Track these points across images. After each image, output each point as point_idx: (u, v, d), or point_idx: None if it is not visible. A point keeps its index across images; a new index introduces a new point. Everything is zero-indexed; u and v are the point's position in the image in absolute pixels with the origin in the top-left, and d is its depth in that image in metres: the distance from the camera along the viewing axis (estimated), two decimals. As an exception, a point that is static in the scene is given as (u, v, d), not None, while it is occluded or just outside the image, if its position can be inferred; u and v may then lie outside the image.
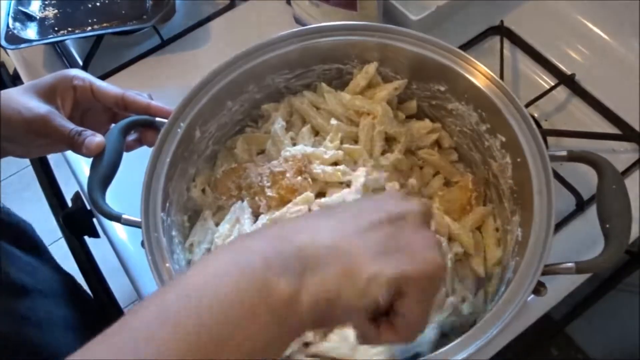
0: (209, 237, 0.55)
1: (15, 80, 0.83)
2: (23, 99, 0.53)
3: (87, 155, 0.52)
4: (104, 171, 0.51)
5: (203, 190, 0.59)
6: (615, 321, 1.10)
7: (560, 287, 0.59)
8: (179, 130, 0.54)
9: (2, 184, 1.72)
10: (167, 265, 0.47)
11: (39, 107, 0.53)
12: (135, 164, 0.54)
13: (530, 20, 0.75)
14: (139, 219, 0.49)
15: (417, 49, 0.56)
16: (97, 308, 0.69)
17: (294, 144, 0.58)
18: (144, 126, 0.56)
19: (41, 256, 0.66)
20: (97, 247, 0.76)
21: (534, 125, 0.51)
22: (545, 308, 0.59)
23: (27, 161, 1.67)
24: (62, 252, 0.76)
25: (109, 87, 0.57)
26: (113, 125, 0.55)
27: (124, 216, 0.50)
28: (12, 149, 0.55)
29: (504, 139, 0.53)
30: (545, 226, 0.47)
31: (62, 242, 0.78)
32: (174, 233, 0.53)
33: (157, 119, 0.55)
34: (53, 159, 0.83)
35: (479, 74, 0.54)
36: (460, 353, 0.43)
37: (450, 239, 0.55)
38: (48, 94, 0.54)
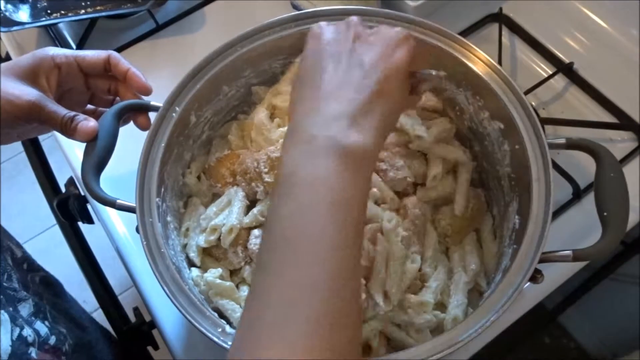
0: (200, 222, 0.55)
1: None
2: (9, 85, 0.50)
3: (80, 141, 0.51)
4: (98, 156, 0.51)
5: (199, 178, 0.59)
6: (608, 310, 1.11)
7: (556, 276, 0.59)
8: (174, 114, 0.53)
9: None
10: (162, 250, 0.47)
11: (28, 93, 0.50)
12: (129, 148, 0.53)
13: (529, 8, 0.75)
14: (134, 204, 0.49)
15: (415, 34, 0.55)
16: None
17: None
18: (138, 110, 0.55)
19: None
20: (91, 234, 0.75)
21: (533, 113, 0.50)
22: (540, 296, 0.59)
23: (20, 147, 1.66)
24: (56, 240, 0.75)
25: (93, 53, 0.55)
26: (107, 109, 0.54)
27: (119, 201, 0.49)
28: None
29: (502, 126, 0.53)
30: (543, 214, 0.47)
31: (56, 229, 0.77)
32: (169, 218, 0.52)
33: (152, 102, 0.55)
34: (46, 145, 0.82)
35: (477, 60, 0.54)
36: (455, 340, 0.43)
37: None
38: (31, 76, 0.52)
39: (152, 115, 0.54)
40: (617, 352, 1.14)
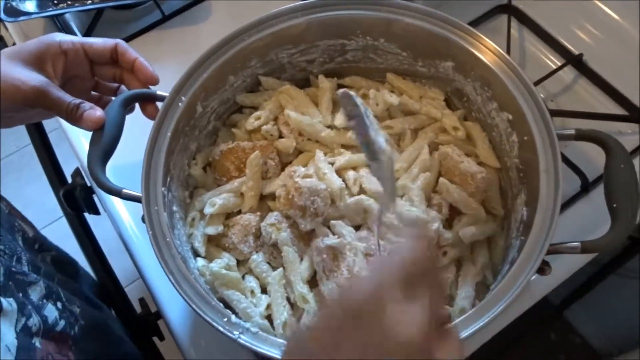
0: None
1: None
2: (14, 70, 0.49)
3: (86, 129, 0.51)
4: (104, 145, 0.50)
5: (205, 169, 0.59)
6: (614, 306, 1.11)
7: (562, 269, 0.58)
8: (180, 104, 0.53)
9: (2, 163, 1.71)
10: (168, 240, 0.47)
11: (34, 78, 0.49)
12: (135, 138, 0.53)
13: (538, -1, 0.74)
14: (140, 194, 0.49)
15: (423, 24, 0.55)
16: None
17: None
18: (144, 99, 0.55)
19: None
20: (97, 226, 0.75)
21: (542, 103, 0.50)
22: (547, 289, 0.58)
23: (26, 140, 1.65)
24: (62, 232, 0.75)
25: (100, 41, 0.54)
26: (113, 98, 0.54)
27: (124, 190, 0.49)
28: None
29: (510, 117, 0.52)
30: (551, 205, 0.46)
31: (63, 221, 0.77)
32: (175, 208, 0.52)
33: (158, 92, 0.54)
34: (53, 136, 0.82)
35: (486, 50, 0.53)
36: (461, 332, 0.42)
37: (451, 219, 0.55)
38: (36, 62, 0.51)
39: (159, 105, 0.54)
40: (624, 348, 1.13)
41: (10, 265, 0.44)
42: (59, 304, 0.46)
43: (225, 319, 0.44)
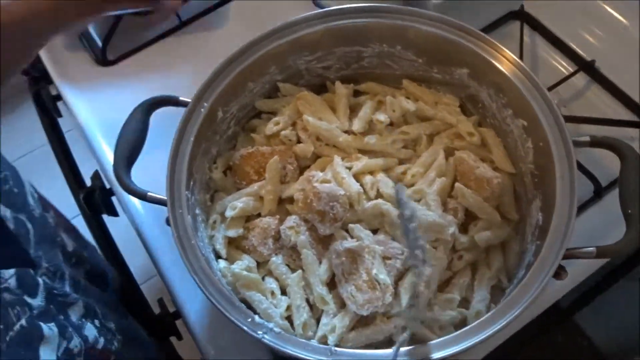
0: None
1: (33, 60, 0.83)
2: None
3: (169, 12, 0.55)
4: (129, 150, 0.52)
5: (225, 173, 0.60)
6: (621, 309, 1.11)
7: (575, 273, 0.59)
8: (202, 110, 0.54)
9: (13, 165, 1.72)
10: (192, 242, 0.48)
11: None
12: (156, 142, 0.54)
13: (550, 5, 0.75)
14: (164, 197, 0.50)
15: (439, 31, 0.56)
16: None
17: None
18: (167, 104, 0.56)
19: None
20: (111, 225, 0.76)
21: (558, 110, 0.51)
22: (559, 293, 0.60)
23: (38, 142, 1.67)
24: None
25: None
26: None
27: (149, 194, 0.50)
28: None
29: (525, 124, 0.53)
30: (567, 211, 0.47)
31: (75, 222, 0.79)
32: (197, 211, 0.53)
33: (181, 98, 0.56)
34: (67, 137, 0.84)
35: (501, 57, 0.54)
36: (478, 335, 0.43)
37: (466, 223, 0.56)
38: None
39: (181, 110, 0.55)
40: (631, 351, 1.13)
41: (53, 287, 0.45)
42: (97, 322, 0.48)
43: (250, 320, 0.45)
